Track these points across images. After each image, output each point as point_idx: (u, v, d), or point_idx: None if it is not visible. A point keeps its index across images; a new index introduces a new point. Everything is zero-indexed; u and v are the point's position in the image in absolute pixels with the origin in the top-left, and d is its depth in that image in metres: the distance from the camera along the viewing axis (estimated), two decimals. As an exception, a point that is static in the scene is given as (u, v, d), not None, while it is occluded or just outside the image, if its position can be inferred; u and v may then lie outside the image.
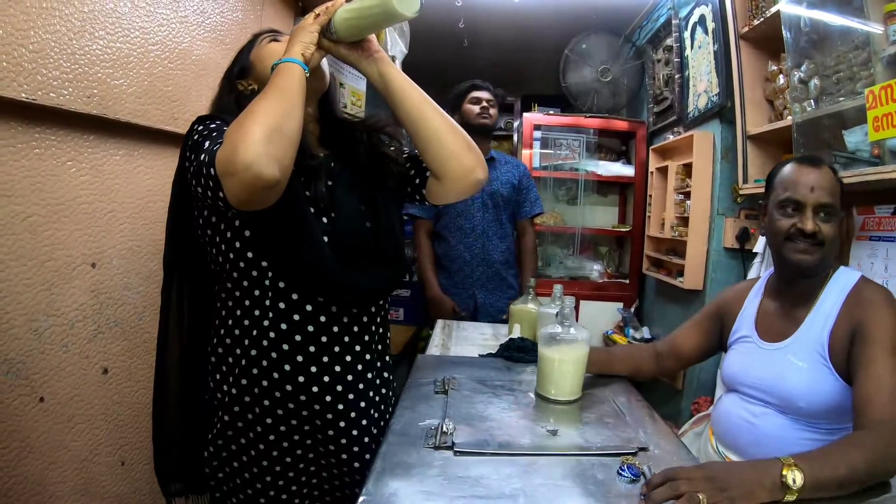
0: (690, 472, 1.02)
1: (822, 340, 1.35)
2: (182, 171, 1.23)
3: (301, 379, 1.22)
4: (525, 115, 4.13)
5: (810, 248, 1.38)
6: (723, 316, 1.67)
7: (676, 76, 3.32)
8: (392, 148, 1.39)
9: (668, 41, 3.45)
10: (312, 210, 1.22)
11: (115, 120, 1.43)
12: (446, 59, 4.61)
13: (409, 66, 3.02)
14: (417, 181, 1.38)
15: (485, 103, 3.05)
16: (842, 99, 1.86)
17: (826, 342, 1.34)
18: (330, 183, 1.28)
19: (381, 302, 1.38)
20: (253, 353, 1.22)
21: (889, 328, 1.25)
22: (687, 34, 3.15)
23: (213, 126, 1.17)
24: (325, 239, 1.21)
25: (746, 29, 2.49)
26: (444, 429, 1.21)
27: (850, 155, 1.82)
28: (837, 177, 1.42)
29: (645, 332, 3.67)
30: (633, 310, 3.89)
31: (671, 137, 3.48)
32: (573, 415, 1.38)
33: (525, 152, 4.06)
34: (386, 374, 1.41)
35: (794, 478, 0.99)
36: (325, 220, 1.24)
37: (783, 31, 2.13)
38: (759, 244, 2.45)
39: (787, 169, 1.46)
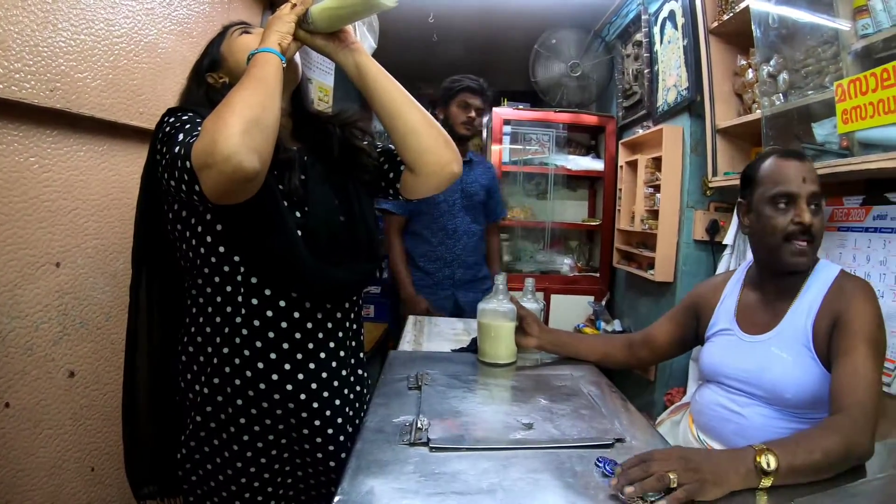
0: (665, 453, 1.02)
1: (805, 332, 1.37)
2: (152, 164, 1.19)
3: (275, 377, 1.20)
4: (495, 110, 4.12)
5: (806, 249, 1.38)
6: (698, 309, 1.68)
7: (646, 71, 3.35)
8: (365, 142, 1.37)
9: (638, 36, 3.48)
10: (286, 204, 1.19)
11: (78, 114, 1.38)
12: (416, 55, 4.59)
13: (378, 62, 2.99)
14: (391, 175, 1.36)
15: (473, 112, 2.99)
16: (810, 92, 1.88)
17: (810, 333, 1.36)
18: (303, 177, 1.26)
19: (354, 297, 1.36)
20: (225, 350, 1.20)
21: (867, 319, 1.28)
22: (656, 29, 3.18)
23: (185, 118, 1.15)
24: (299, 233, 1.19)
25: (716, 24, 2.52)
26: (419, 425, 1.20)
27: (819, 147, 1.85)
28: None
29: (616, 325, 3.70)
30: (604, 303, 3.91)
31: (641, 131, 3.51)
32: (547, 407, 1.38)
33: (495, 147, 4.06)
34: (360, 371, 1.40)
35: (769, 461, 0.99)
36: (298, 213, 1.22)
37: (752, 27, 2.16)
38: (729, 236, 2.47)
39: (772, 163, 1.44)
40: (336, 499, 0.93)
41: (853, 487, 1.05)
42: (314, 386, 1.24)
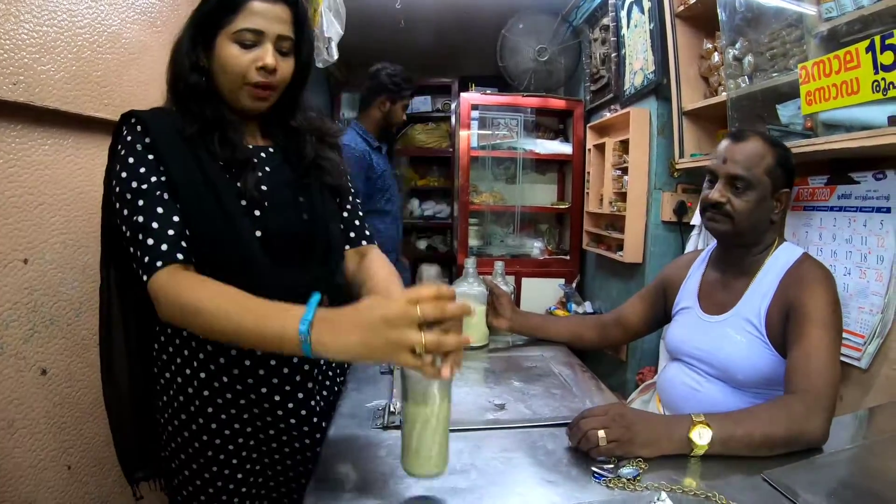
0: (602, 409, 1.09)
1: (759, 316, 1.40)
2: (111, 170, 1.16)
3: (236, 371, 1.21)
4: (462, 95, 4.13)
5: (718, 217, 1.44)
6: (666, 287, 1.72)
7: (613, 55, 3.37)
8: (333, 153, 1.35)
9: (605, 20, 3.50)
10: (244, 203, 1.16)
11: (42, 107, 1.34)
12: (383, 40, 4.55)
13: (345, 48, 2.96)
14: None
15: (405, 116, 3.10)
16: (775, 75, 1.92)
17: (763, 317, 1.39)
18: (267, 169, 1.24)
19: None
20: (193, 343, 1.21)
21: (822, 304, 1.29)
22: (623, 13, 3.20)
23: (134, 168, 1.10)
24: (258, 234, 1.17)
25: (682, 8, 2.54)
26: (392, 409, 1.23)
27: (783, 128, 1.88)
28: (774, 151, 1.43)
29: (587, 307, 3.74)
30: (574, 285, 3.96)
31: (608, 115, 3.53)
32: (519, 388, 1.41)
33: (463, 133, 4.05)
34: (323, 365, 1.39)
35: (701, 434, 1.05)
36: (257, 212, 1.18)
37: (718, 10, 2.18)
38: (696, 216, 2.52)
39: (720, 142, 1.50)
40: (311, 484, 0.96)
41: (822, 458, 1.09)
42: (275, 381, 1.24)
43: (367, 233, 1.42)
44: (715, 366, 1.45)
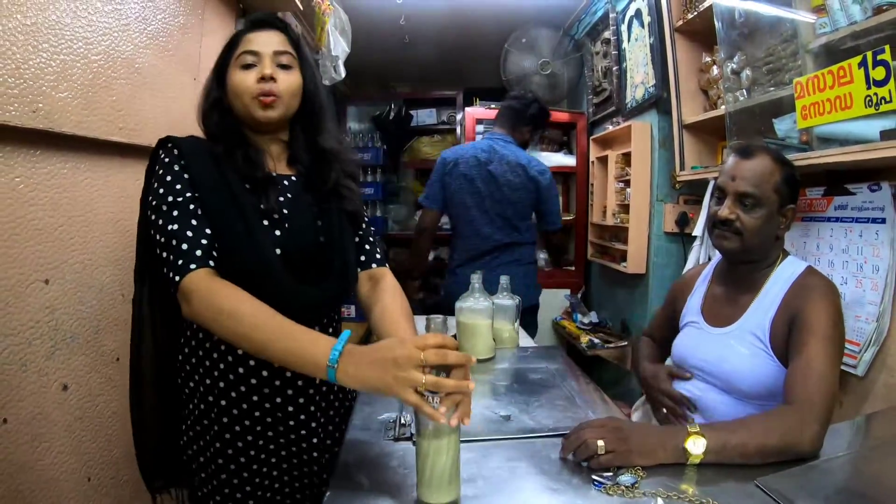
0: (600, 422, 1.13)
1: (763, 328, 1.42)
2: (148, 188, 1.26)
3: (253, 381, 1.27)
4: (467, 110, 4.18)
5: (727, 234, 1.46)
6: (675, 302, 1.76)
7: (614, 68, 3.41)
8: (351, 183, 1.41)
9: (606, 34, 3.54)
10: (266, 223, 1.25)
11: (60, 133, 1.39)
12: (389, 56, 4.61)
13: (351, 65, 3.01)
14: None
15: None
16: (772, 89, 1.96)
17: (767, 330, 1.41)
18: (289, 195, 1.32)
19: (332, 313, 1.42)
20: (215, 355, 1.27)
21: (824, 316, 1.31)
22: (624, 27, 3.25)
23: (170, 183, 1.21)
24: (278, 251, 1.24)
25: (681, 22, 2.59)
26: (403, 421, 1.27)
27: (780, 142, 1.91)
28: (782, 168, 1.44)
29: (593, 317, 3.76)
30: (580, 295, 3.98)
31: (610, 128, 3.58)
32: (524, 400, 1.45)
33: (469, 146, 4.09)
34: None
35: (695, 444, 1.08)
36: (278, 232, 1.26)
37: (716, 25, 2.23)
38: (698, 227, 2.55)
39: (727, 156, 1.52)
40: (327, 494, 1.00)
41: (816, 465, 1.11)
42: (290, 392, 1.30)
43: (378, 256, 1.48)
44: (719, 377, 1.47)
